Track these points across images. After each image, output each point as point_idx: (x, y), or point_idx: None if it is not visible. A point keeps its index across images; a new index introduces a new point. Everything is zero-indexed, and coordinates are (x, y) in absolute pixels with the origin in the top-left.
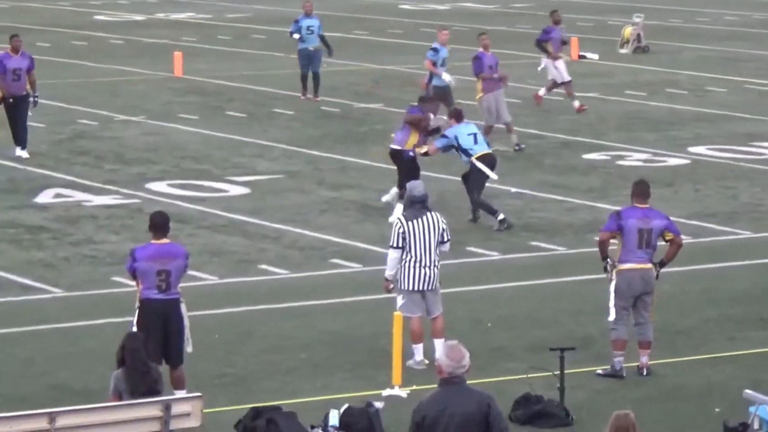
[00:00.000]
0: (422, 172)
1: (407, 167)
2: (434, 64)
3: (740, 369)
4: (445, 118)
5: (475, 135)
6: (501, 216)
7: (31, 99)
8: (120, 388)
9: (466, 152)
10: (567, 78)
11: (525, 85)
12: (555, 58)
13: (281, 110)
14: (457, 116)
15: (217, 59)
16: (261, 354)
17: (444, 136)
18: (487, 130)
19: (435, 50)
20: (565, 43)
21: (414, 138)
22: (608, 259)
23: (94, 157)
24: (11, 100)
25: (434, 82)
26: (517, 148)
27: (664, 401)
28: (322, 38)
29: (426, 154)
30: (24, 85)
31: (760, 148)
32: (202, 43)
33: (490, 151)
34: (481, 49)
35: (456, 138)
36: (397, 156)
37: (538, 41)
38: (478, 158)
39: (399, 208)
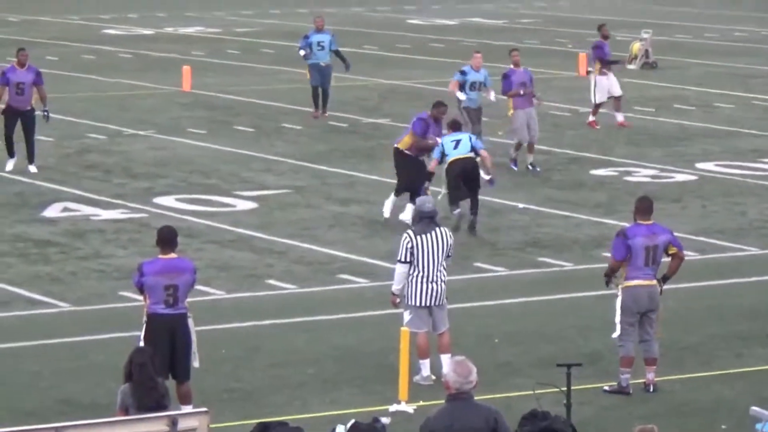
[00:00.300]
0: (431, 188)
1: (408, 167)
2: (461, 86)
3: (747, 386)
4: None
5: (458, 141)
6: (457, 211)
7: (39, 113)
8: (127, 402)
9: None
10: (605, 98)
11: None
12: (603, 73)
13: (289, 125)
14: (454, 127)
15: (226, 74)
16: (268, 369)
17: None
18: (518, 147)
19: (463, 72)
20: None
21: (407, 142)
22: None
23: (102, 172)
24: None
25: (464, 103)
26: (530, 167)
27: (671, 418)
28: (338, 53)
29: (430, 174)
30: (29, 100)
31: None
32: (210, 58)
33: (466, 156)
34: (511, 66)
35: (442, 145)
36: (396, 155)
37: (605, 61)
38: (450, 163)
39: (409, 208)
